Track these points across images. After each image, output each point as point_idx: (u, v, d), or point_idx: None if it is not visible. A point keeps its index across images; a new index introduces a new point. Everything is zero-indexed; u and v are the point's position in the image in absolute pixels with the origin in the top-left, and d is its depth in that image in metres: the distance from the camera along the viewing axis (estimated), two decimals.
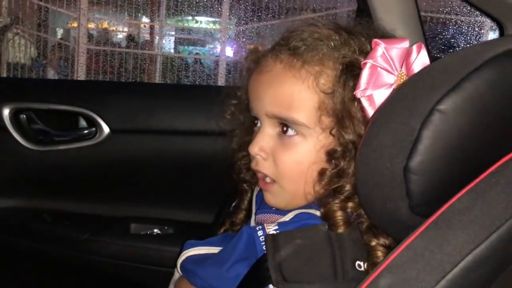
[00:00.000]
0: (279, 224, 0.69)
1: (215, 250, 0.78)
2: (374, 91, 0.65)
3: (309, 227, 0.68)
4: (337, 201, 0.67)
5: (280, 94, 0.70)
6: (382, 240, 0.66)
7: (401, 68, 0.66)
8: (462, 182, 0.53)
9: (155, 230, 1.46)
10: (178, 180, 1.49)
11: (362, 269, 0.65)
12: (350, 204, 0.67)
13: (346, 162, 0.68)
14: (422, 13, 1.20)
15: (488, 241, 0.49)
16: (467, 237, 0.49)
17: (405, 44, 0.66)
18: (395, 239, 0.66)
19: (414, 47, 0.66)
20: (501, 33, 0.89)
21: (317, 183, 0.70)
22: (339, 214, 0.66)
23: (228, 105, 0.83)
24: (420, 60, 0.65)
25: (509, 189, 0.51)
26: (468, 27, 4.93)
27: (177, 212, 1.48)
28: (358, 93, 0.65)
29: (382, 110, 0.59)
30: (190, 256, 0.79)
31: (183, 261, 0.79)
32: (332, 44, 0.70)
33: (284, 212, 0.72)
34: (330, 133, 0.69)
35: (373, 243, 0.66)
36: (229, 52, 5.67)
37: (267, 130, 0.72)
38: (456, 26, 5.02)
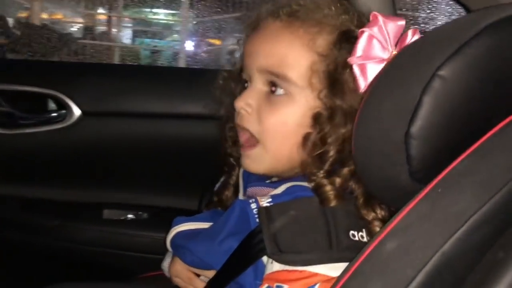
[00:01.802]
0: (272, 196, 0.69)
1: (205, 225, 0.77)
2: (367, 61, 0.65)
3: (302, 199, 0.68)
4: (322, 172, 0.67)
5: (275, 49, 0.70)
6: (379, 213, 0.67)
7: (395, 47, 0.66)
8: (463, 147, 0.54)
9: (129, 216, 1.43)
10: (152, 165, 1.45)
11: (356, 238, 0.65)
12: (338, 180, 0.67)
13: (331, 127, 0.68)
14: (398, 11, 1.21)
15: (491, 202, 0.49)
16: (471, 198, 0.50)
17: (402, 22, 0.67)
18: (390, 208, 0.66)
19: (409, 32, 0.66)
20: None
21: (301, 148, 0.69)
22: (329, 189, 0.66)
23: (223, 72, 0.82)
24: None
25: (510, 150, 0.52)
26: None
27: (152, 198, 1.45)
28: (352, 60, 0.66)
29: (382, 76, 0.59)
30: (180, 231, 0.78)
31: (173, 236, 0.78)
32: (331, 11, 0.71)
33: (275, 185, 0.72)
34: (318, 96, 0.68)
35: (370, 217, 0.66)
36: (189, 45, 5.58)
37: (256, 87, 0.72)
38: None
